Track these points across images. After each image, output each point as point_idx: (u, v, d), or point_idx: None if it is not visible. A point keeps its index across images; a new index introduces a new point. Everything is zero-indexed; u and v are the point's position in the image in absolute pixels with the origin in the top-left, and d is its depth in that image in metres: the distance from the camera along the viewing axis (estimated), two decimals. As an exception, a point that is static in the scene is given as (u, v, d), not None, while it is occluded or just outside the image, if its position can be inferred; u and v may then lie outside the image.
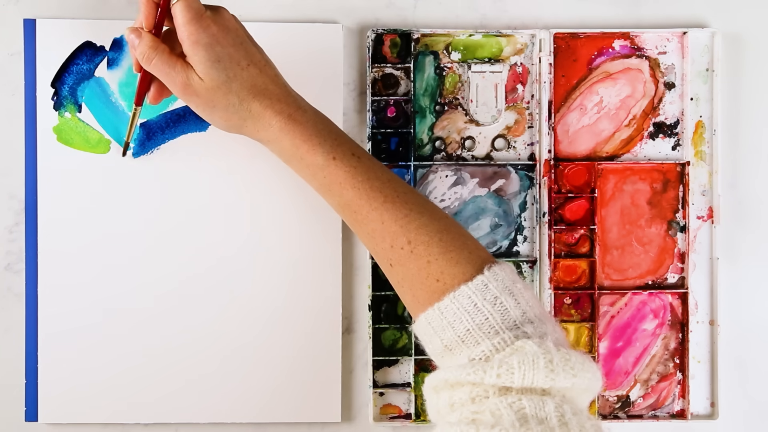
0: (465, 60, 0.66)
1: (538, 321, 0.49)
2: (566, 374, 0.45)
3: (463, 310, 0.48)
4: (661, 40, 0.67)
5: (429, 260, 0.51)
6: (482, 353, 0.47)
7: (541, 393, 0.45)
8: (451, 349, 0.49)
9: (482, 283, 0.49)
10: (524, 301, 0.49)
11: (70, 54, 0.64)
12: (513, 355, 0.46)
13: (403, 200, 0.52)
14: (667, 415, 0.67)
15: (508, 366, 0.45)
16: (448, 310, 0.49)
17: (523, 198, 0.66)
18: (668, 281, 0.67)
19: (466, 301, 0.49)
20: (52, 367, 0.64)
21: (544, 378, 0.45)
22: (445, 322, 0.49)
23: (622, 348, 0.67)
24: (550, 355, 0.45)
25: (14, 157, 0.65)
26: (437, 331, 0.50)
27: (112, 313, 0.65)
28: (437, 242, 0.51)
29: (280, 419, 0.65)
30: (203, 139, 0.65)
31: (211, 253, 0.65)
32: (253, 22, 0.65)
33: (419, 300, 0.51)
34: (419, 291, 0.51)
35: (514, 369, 0.45)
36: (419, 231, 0.51)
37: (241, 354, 0.65)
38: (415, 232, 0.51)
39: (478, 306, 0.48)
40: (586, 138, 0.67)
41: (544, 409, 0.44)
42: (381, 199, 0.52)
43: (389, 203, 0.52)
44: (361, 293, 0.66)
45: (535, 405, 0.44)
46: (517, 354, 0.46)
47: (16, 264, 0.65)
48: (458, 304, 0.49)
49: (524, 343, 0.46)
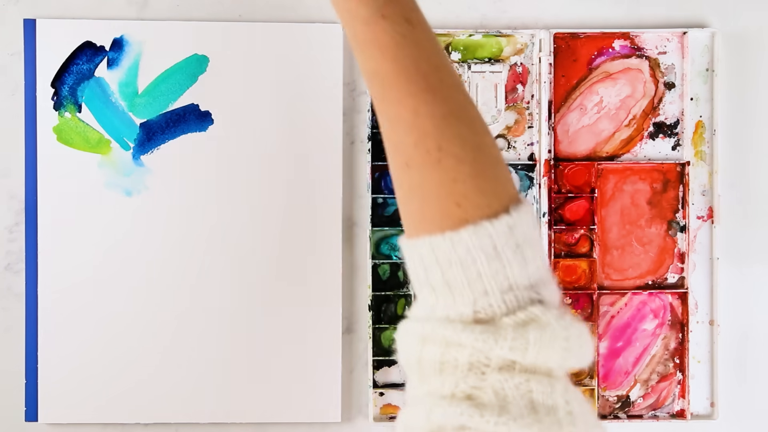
0: (465, 60, 0.66)
1: (549, 280, 0.43)
2: (578, 354, 0.41)
3: (480, 249, 0.41)
4: (661, 40, 0.67)
5: (456, 178, 0.42)
6: (490, 307, 0.41)
7: (545, 371, 0.41)
8: (452, 288, 0.42)
9: (507, 225, 0.41)
10: (540, 254, 0.43)
11: (70, 54, 0.64)
12: (529, 327, 0.40)
13: (447, 95, 0.43)
14: (667, 415, 0.67)
15: (523, 340, 0.40)
16: (462, 245, 0.41)
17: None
18: (668, 281, 0.67)
19: (486, 241, 0.41)
20: (52, 367, 0.64)
21: (557, 358, 0.40)
22: (455, 257, 0.41)
23: (622, 348, 0.67)
24: (567, 333, 0.40)
25: (14, 157, 0.65)
26: (441, 263, 0.42)
27: (112, 313, 0.65)
28: (471, 161, 0.42)
29: (280, 419, 0.65)
30: (203, 139, 0.65)
31: (210, 252, 0.65)
32: (253, 22, 0.65)
33: (426, 218, 0.43)
34: (430, 208, 0.42)
35: (529, 344, 0.40)
36: (454, 140, 0.42)
37: (241, 354, 0.65)
38: (449, 140, 0.42)
39: (497, 250, 0.41)
40: (586, 138, 0.67)
41: (552, 396, 0.39)
42: (422, 86, 0.42)
43: (430, 94, 0.42)
44: (361, 293, 0.66)
45: (543, 390, 0.39)
46: (533, 327, 0.40)
47: (16, 264, 0.65)
48: (477, 241, 0.41)
49: (541, 313, 0.41)
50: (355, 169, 0.66)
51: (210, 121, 0.65)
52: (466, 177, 0.42)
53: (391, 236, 0.66)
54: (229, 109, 0.65)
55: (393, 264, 0.66)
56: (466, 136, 0.42)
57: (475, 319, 0.41)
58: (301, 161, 0.65)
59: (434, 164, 0.42)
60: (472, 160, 0.42)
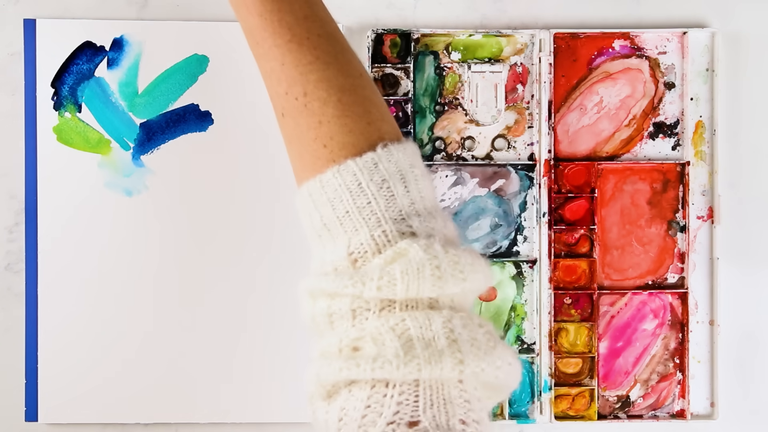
0: (465, 60, 0.66)
1: (426, 214, 0.43)
2: (455, 279, 0.40)
3: (345, 187, 0.42)
4: (661, 40, 0.67)
5: (321, 120, 0.43)
6: (360, 246, 0.41)
7: (428, 303, 0.41)
8: (330, 229, 0.43)
9: (372, 161, 0.42)
10: (416, 190, 0.43)
11: (70, 54, 0.64)
12: (395, 263, 0.40)
13: (313, 44, 0.44)
14: (667, 415, 0.67)
15: (390, 277, 0.39)
16: (330, 184, 0.42)
17: (523, 198, 0.66)
18: (668, 281, 0.67)
19: (350, 179, 0.42)
20: (52, 367, 0.64)
21: (430, 287, 0.40)
22: (325, 198, 0.42)
23: (622, 348, 0.67)
24: (437, 261, 0.40)
25: (14, 157, 0.65)
26: (318, 206, 0.43)
27: (112, 313, 0.65)
28: (335, 102, 0.43)
29: (280, 419, 0.65)
30: (203, 139, 0.65)
31: (210, 252, 0.65)
32: (253, 22, 0.65)
33: (304, 164, 0.44)
34: (305, 153, 0.44)
35: (397, 280, 0.39)
36: (319, 84, 0.43)
37: (241, 354, 0.65)
38: (314, 84, 0.43)
39: (362, 186, 0.42)
40: (586, 138, 0.67)
41: (431, 328, 0.39)
42: (287, 37, 0.44)
43: (295, 44, 0.44)
44: (361, 293, 0.66)
45: (421, 324, 0.39)
46: (400, 262, 0.40)
47: (16, 264, 0.65)
48: (341, 179, 0.42)
49: (408, 245, 0.40)
50: (355, 169, 0.66)
51: (210, 121, 0.65)
52: (331, 118, 0.43)
53: (391, 236, 0.66)
54: (229, 109, 0.65)
55: (393, 264, 0.66)
56: (332, 80, 0.43)
57: (351, 262, 0.42)
58: (301, 161, 0.65)
59: (302, 109, 0.43)
60: (337, 101, 0.43)
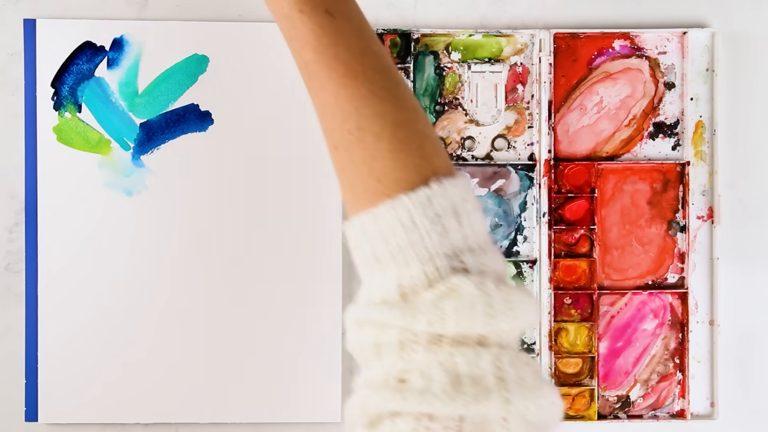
0: (465, 60, 0.66)
1: (478, 249, 0.43)
2: (506, 317, 0.40)
3: (399, 223, 0.42)
4: (661, 40, 0.67)
5: (375, 155, 0.43)
6: (411, 279, 0.41)
7: (476, 340, 0.40)
8: (380, 262, 0.43)
9: (426, 196, 0.42)
10: (468, 225, 0.43)
11: (70, 54, 0.64)
12: (447, 299, 0.40)
13: (368, 78, 0.44)
14: (667, 415, 0.67)
15: (441, 312, 0.40)
16: (383, 218, 0.42)
17: (523, 198, 0.66)
18: (668, 281, 0.67)
19: (404, 214, 0.42)
20: (52, 367, 0.64)
21: (481, 324, 0.40)
22: (378, 232, 0.42)
23: (622, 348, 0.67)
24: (489, 298, 0.40)
25: (14, 157, 0.65)
26: (369, 239, 0.43)
27: (112, 313, 0.65)
28: (390, 137, 0.43)
29: (280, 419, 0.65)
30: (203, 139, 0.65)
31: (210, 252, 0.65)
32: (253, 22, 0.65)
33: (357, 197, 0.44)
34: (358, 186, 0.44)
35: (448, 316, 0.40)
36: (374, 118, 0.43)
37: (241, 354, 0.65)
38: (369, 119, 0.43)
39: (416, 222, 0.42)
40: (586, 138, 0.67)
41: (479, 365, 0.39)
42: (342, 72, 0.44)
43: (350, 78, 0.44)
44: (361, 293, 0.66)
45: (469, 361, 0.39)
46: (452, 298, 0.40)
47: (16, 264, 0.65)
48: (395, 214, 0.42)
49: (461, 282, 0.41)
50: (355, 169, 0.66)
51: (210, 121, 0.65)
52: (385, 153, 0.43)
53: (391, 236, 0.66)
54: (229, 109, 0.65)
55: (393, 264, 0.66)
56: (386, 114, 0.44)
57: (401, 294, 0.42)
58: (301, 161, 0.65)
59: (356, 143, 0.43)
60: (391, 136, 0.43)
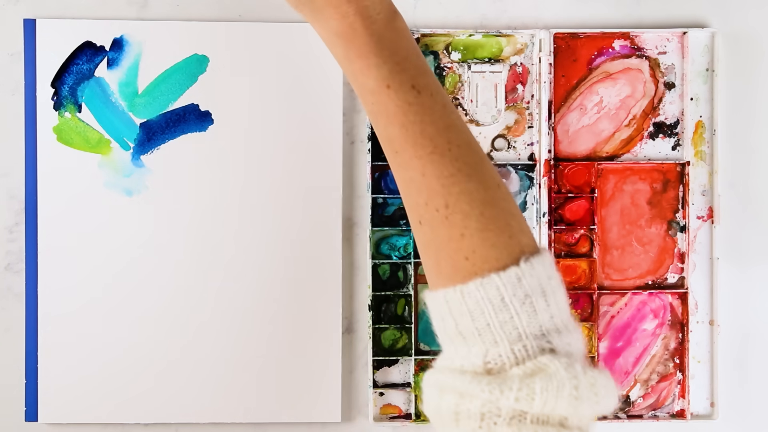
0: (465, 60, 0.66)
1: (564, 329, 0.44)
2: (590, 402, 0.41)
3: (488, 301, 0.43)
4: (661, 40, 0.67)
5: (463, 233, 0.44)
6: (499, 357, 0.42)
7: (558, 420, 0.42)
8: (465, 337, 0.44)
9: (516, 276, 0.43)
10: (554, 303, 0.44)
11: (70, 54, 0.64)
12: (536, 378, 0.41)
13: (454, 156, 0.45)
14: (667, 415, 0.67)
15: (529, 390, 0.41)
16: (472, 296, 0.43)
17: (523, 198, 0.66)
18: (668, 281, 0.67)
19: (493, 293, 0.42)
20: (52, 367, 0.64)
21: (566, 406, 0.41)
22: (465, 308, 0.43)
23: (622, 348, 0.67)
24: (576, 381, 0.41)
25: (14, 157, 0.65)
26: (454, 314, 0.44)
27: (112, 313, 0.65)
28: (477, 215, 0.44)
29: (280, 419, 0.65)
30: (203, 139, 0.65)
31: (210, 252, 0.65)
32: (253, 22, 0.65)
33: (442, 272, 0.45)
34: (444, 262, 0.45)
35: (536, 395, 0.40)
36: (461, 197, 0.44)
37: (241, 354, 0.65)
38: (456, 197, 0.44)
39: (505, 301, 0.42)
40: (586, 138, 0.67)
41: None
42: (429, 149, 0.45)
43: (437, 155, 0.45)
44: (361, 293, 0.66)
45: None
46: (540, 377, 0.41)
47: (16, 264, 0.65)
48: (484, 293, 0.43)
49: (550, 362, 0.41)
50: (355, 169, 0.66)
51: (210, 121, 0.65)
52: (473, 231, 0.44)
53: (391, 236, 0.66)
54: (229, 109, 0.65)
55: (393, 264, 0.66)
56: (474, 192, 0.44)
57: (487, 369, 0.43)
58: (301, 161, 0.65)
59: (442, 221, 0.44)
60: (479, 215, 0.44)
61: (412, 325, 0.66)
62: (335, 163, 0.65)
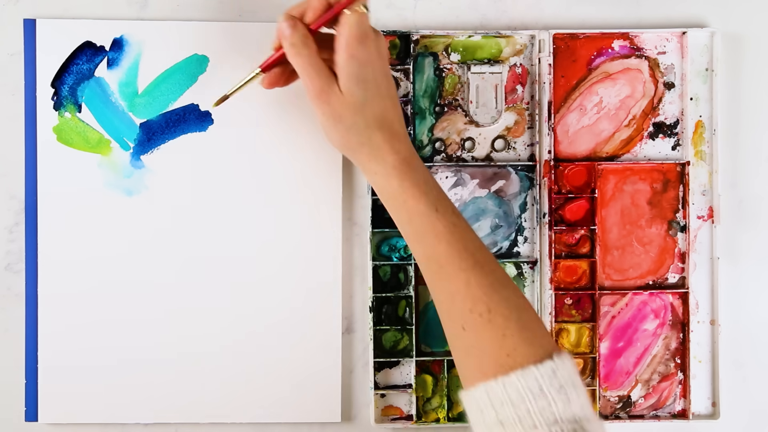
0: (464, 61, 0.66)
1: (593, 419, 0.49)
2: None
3: (528, 390, 0.49)
4: (660, 40, 0.67)
5: (505, 334, 0.51)
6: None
7: None
8: (505, 425, 0.49)
9: (551, 368, 0.49)
10: (583, 395, 0.50)
11: (70, 54, 0.64)
12: None
13: (490, 268, 0.53)
14: (668, 415, 0.67)
15: None
16: (512, 387, 0.49)
17: (524, 199, 0.66)
18: (669, 281, 0.67)
19: (532, 383, 0.49)
20: (52, 367, 0.64)
21: None
22: (506, 398, 0.49)
23: (623, 348, 0.67)
24: None
25: (14, 157, 0.65)
26: (494, 404, 0.49)
27: (112, 313, 0.65)
28: (516, 318, 0.51)
29: (280, 419, 0.65)
30: (203, 139, 0.65)
31: (211, 253, 0.65)
32: (253, 22, 0.65)
33: (484, 369, 0.51)
34: (487, 361, 0.51)
35: None
36: (501, 302, 0.51)
37: (241, 354, 0.65)
38: (497, 303, 0.51)
39: (543, 390, 0.48)
40: (586, 138, 0.67)
41: None
42: (472, 262, 0.52)
43: (479, 268, 0.52)
44: (361, 294, 0.66)
45: None
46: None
47: (16, 264, 0.65)
48: (524, 383, 0.49)
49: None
50: (355, 169, 0.66)
51: (210, 121, 0.65)
52: (514, 331, 0.51)
53: (391, 237, 0.66)
54: (229, 109, 0.65)
55: (394, 265, 0.66)
56: (510, 298, 0.52)
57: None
58: (301, 161, 0.65)
59: (485, 324, 0.51)
60: (517, 318, 0.51)
61: (413, 326, 0.65)
62: (335, 164, 0.65)
